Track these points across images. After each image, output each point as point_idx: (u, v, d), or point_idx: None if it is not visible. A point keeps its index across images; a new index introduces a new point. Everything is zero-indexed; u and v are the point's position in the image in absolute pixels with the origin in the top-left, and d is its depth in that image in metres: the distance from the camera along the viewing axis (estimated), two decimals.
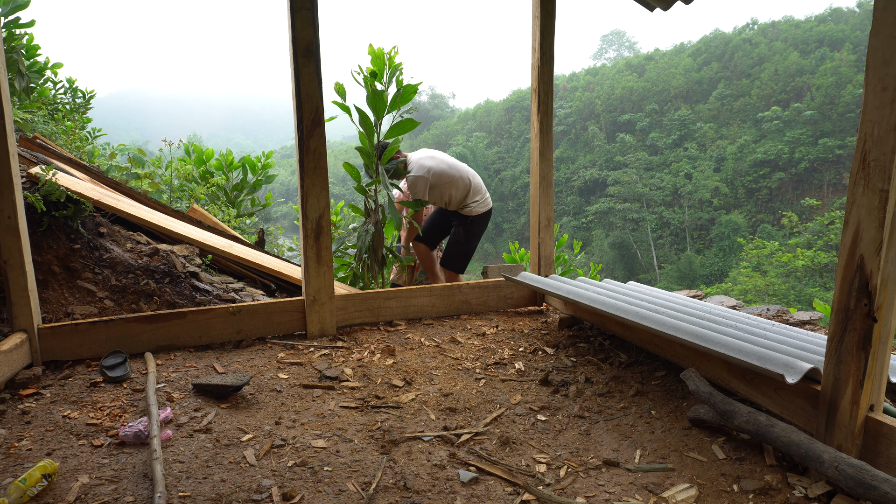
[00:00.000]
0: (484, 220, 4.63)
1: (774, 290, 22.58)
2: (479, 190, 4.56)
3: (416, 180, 4.25)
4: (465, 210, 4.51)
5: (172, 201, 6.77)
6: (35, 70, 5.40)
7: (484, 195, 4.59)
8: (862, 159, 1.68)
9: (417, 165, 4.31)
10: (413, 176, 4.27)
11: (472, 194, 4.49)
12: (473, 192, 4.50)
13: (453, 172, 4.38)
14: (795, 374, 1.87)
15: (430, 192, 4.32)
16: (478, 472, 1.86)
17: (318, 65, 2.85)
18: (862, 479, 1.55)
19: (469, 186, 4.46)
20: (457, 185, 4.40)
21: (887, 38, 1.62)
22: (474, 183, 4.51)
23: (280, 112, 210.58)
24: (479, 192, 4.54)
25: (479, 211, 4.54)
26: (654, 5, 3.52)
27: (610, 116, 53.89)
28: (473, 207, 4.51)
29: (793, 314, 3.49)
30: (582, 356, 2.85)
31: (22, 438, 2.02)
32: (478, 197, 4.54)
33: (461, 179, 4.41)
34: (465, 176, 4.44)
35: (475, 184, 4.51)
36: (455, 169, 4.42)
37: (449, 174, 4.36)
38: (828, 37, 49.43)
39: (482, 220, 4.62)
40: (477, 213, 4.53)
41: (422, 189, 4.26)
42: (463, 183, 4.42)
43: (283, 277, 3.96)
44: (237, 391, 2.36)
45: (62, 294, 3.05)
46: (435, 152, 4.55)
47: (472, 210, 4.51)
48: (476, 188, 4.52)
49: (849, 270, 1.74)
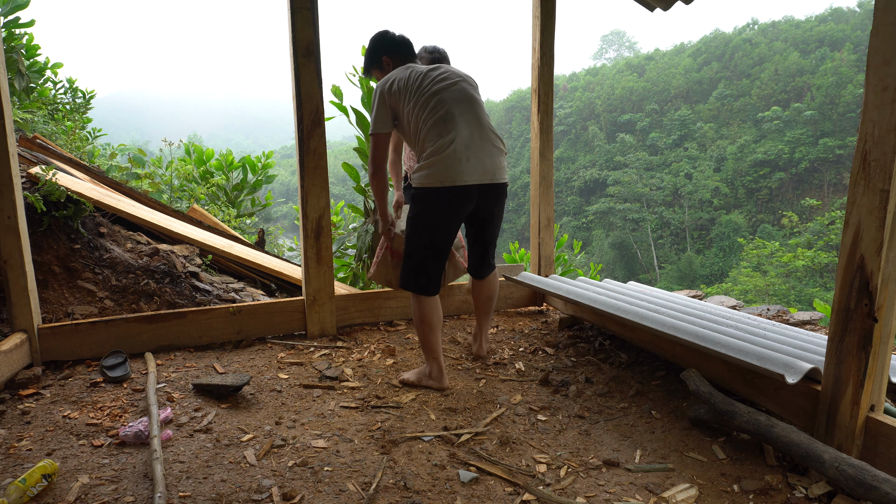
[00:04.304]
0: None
1: (774, 290, 22.58)
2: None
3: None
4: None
5: (172, 201, 6.77)
6: (35, 70, 5.40)
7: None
8: (862, 159, 1.68)
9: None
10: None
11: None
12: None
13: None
14: (796, 374, 1.87)
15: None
16: (478, 472, 1.86)
17: (318, 65, 2.85)
18: (862, 480, 1.55)
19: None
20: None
21: (888, 38, 1.61)
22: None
23: (280, 112, 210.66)
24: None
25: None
26: (654, 5, 3.52)
27: (610, 116, 53.90)
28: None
29: (793, 314, 3.49)
30: (582, 356, 2.85)
31: (22, 438, 2.02)
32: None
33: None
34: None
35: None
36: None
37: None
38: (828, 37, 49.44)
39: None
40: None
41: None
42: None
43: (284, 277, 3.96)
44: (237, 391, 2.36)
45: (62, 294, 3.05)
46: None
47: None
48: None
49: (849, 270, 1.74)
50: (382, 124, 2.51)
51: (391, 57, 2.65)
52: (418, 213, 2.43)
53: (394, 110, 2.50)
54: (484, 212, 2.56)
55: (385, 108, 2.49)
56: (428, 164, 2.35)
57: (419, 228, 2.44)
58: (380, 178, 2.61)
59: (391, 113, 2.50)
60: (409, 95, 2.43)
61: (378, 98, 2.50)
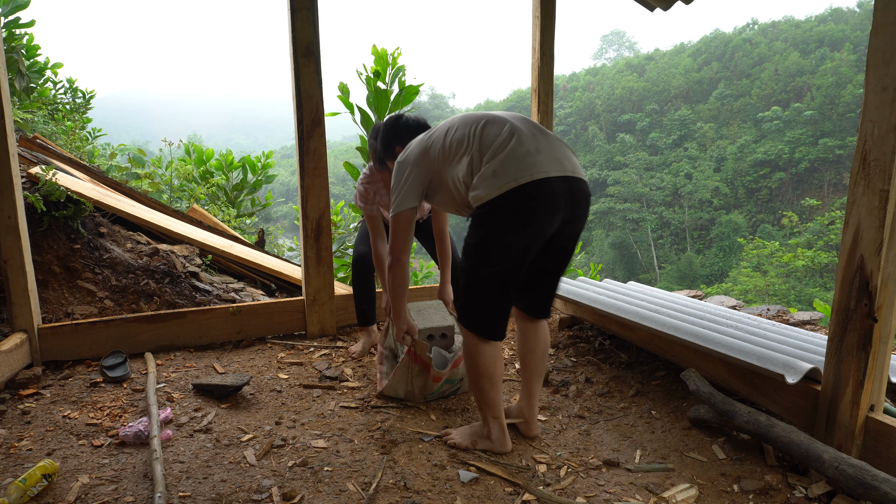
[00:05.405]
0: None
1: (774, 290, 22.57)
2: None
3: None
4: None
5: (172, 201, 6.77)
6: (35, 70, 5.40)
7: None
8: (862, 159, 1.68)
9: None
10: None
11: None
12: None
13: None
14: (796, 374, 1.87)
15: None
16: (478, 472, 1.86)
17: (318, 65, 2.85)
18: (862, 479, 1.55)
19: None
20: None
21: (887, 38, 1.62)
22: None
23: (280, 112, 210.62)
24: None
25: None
26: (654, 5, 3.52)
27: (610, 116, 53.89)
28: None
29: (793, 314, 3.49)
30: (582, 356, 2.85)
31: (22, 438, 2.02)
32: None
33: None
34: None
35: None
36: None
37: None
38: (828, 37, 49.43)
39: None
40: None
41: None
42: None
43: (284, 277, 3.96)
44: (237, 391, 2.36)
45: (62, 294, 3.05)
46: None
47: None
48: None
49: (849, 270, 1.74)
50: (411, 197, 1.94)
51: (403, 147, 2.17)
52: (485, 237, 1.79)
53: (428, 172, 1.94)
54: (574, 227, 1.88)
55: (417, 177, 1.94)
56: (490, 167, 1.76)
57: (488, 254, 1.80)
58: (401, 271, 2.05)
59: (425, 181, 1.95)
60: (438, 145, 1.93)
61: (407, 167, 1.95)
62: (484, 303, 1.86)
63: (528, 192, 1.73)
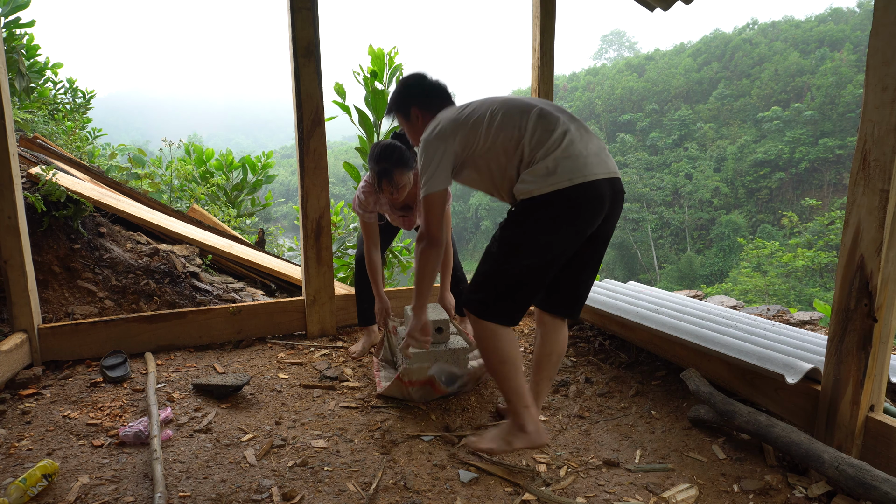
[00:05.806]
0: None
1: (774, 290, 22.56)
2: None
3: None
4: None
5: (172, 201, 6.77)
6: (35, 70, 5.40)
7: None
8: (862, 159, 1.68)
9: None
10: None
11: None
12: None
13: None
14: (796, 374, 1.87)
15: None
16: (478, 472, 1.86)
17: (318, 65, 2.85)
18: (862, 479, 1.55)
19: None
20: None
21: (887, 38, 1.62)
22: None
23: (280, 112, 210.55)
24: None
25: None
26: (654, 5, 3.52)
27: (610, 116, 53.89)
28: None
29: (793, 314, 3.49)
30: (582, 356, 2.85)
31: (22, 438, 2.02)
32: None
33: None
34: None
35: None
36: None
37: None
38: (828, 37, 49.43)
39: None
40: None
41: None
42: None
43: (284, 277, 3.96)
44: (237, 391, 2.36)
45: (62, 294, 3.05)
46: None
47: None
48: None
49: (849, 270, 1.74)
50: (443, 177, 1.88)
51: (422, 110, 2.08)
52: (529, 230, 1.79)
53: (463, 152, 1.88)
54: (609, 224, 1.90)
55: (449, 157, 1.88)
56: (543, 164, 1.76)
57: (528, 246, 1.79)
58: (436, 252, 1.94)
59: (457, 161, 1.90)
60: (479, 129, 1.87)
61: (441, 146, 1.87)
62: (507, 291, 1.83)
63: (579, 193, 1.75)
